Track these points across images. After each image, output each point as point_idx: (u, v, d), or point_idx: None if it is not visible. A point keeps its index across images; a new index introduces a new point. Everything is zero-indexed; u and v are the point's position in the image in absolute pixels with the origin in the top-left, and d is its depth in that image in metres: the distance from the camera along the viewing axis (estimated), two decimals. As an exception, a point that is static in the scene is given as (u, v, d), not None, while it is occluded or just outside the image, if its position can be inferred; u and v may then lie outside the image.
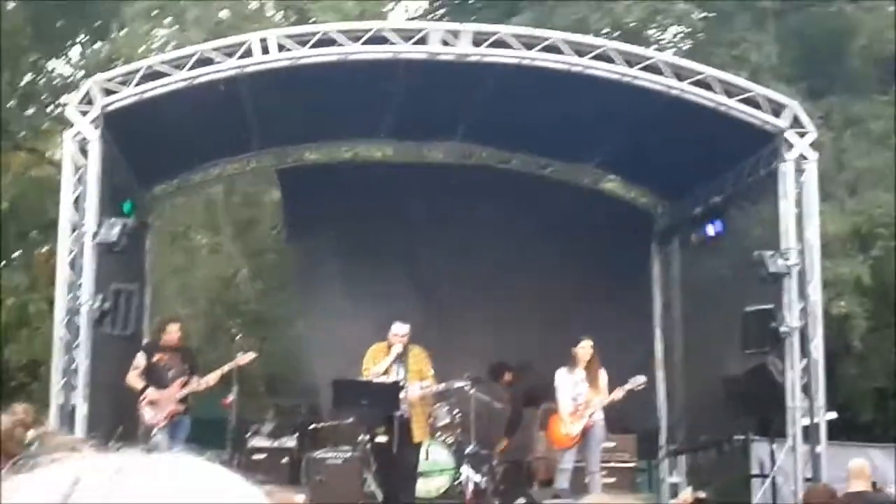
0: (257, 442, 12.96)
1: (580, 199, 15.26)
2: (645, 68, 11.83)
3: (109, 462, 0.73)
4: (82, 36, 21.24)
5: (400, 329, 11.67)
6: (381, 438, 11.27)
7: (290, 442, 13.00)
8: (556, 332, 12.93)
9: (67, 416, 10.78)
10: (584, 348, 11.65)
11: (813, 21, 20.31)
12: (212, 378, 11.87)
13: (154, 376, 11.72)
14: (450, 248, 14.36)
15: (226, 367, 11.96)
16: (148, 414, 11.64)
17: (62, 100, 18.57)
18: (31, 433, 1.96)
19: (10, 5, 21.23)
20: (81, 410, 10.84)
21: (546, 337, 13.36)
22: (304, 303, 15.13)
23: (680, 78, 11.90)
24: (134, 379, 11.76)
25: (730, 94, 11.95)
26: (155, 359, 11.82)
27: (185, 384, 11.77)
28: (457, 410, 12.46)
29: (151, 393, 11.64)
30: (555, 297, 14.23)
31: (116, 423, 11.88)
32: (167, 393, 11.68)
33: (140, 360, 11.85)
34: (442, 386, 11.77)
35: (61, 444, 2.07)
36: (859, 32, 19.88)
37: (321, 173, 15.31)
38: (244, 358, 12.05)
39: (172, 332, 12.06)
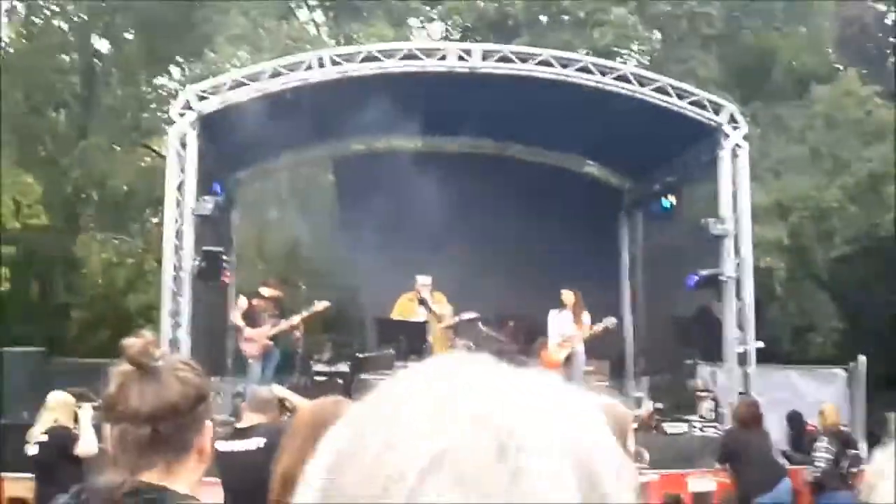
0: (319, 368, 12.89)
1: (565, 180, 15.12)
2: (616, 77, 11.71)
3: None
4: (180, 58, 21.28)
5: (424, 280, 11.69)
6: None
7: (343, 368, 12.91)
8: (544, 283, 12.79)
9: (175, 349, 10.78)
10: (566, 295, 11.62)
11: (743, 44, 20.28)
12: (295, 319, 11.83)
13: (251, 317, 11.71)
14: (463, 219, 14.12)
15: (305, 312, 11.90)
16: (246, 348, 11.65)
17: (167, 106, 18.50)
18: (158, 352, 1.93)
19: (128, 36, 21.34)
20: (186, 343, 10.86)
21: (537, 287, 13.25)
22: (353, 262, 15.04)
23: (642, 85, 11.76)
24: (236, 318, 11.84)
25: (681, 97, 11.82)
26: (254, 303, 11.83)
27: (274, 325, 11.74)
28: (471, 344, 12.38)
29: (248, 331, 11.61)
30: (544, 257, 14.07)
31: (211, 352, 11.90)
32: (261, 331, 11.63)
33: (242, 303, 11.92)
34: (457, 318, 11.78)
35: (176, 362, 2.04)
36: (780, 52, 19.95)
37: (365, 161, 15.18)
38: (320, 305, 11.98)
39: (273, 288, 12.19)
